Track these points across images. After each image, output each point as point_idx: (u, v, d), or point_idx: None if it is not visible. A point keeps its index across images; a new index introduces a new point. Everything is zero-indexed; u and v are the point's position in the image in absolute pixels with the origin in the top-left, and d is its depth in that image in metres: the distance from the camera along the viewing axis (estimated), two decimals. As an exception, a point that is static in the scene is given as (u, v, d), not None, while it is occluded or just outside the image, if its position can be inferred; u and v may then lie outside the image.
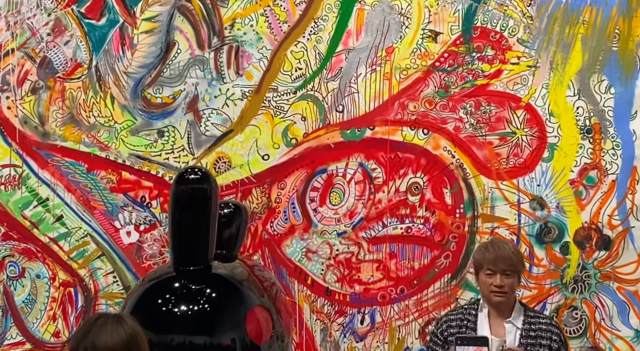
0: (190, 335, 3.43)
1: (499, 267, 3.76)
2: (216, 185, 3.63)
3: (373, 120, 5.03)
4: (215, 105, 5.20)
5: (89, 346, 2.66)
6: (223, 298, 3.57)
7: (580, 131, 4.84)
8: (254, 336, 3.48)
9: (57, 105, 5.37)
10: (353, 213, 5.04)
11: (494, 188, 4.90)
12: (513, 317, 3.80)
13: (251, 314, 3.51)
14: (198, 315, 3.48)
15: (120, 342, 2.68)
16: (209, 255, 3.59)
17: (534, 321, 3.81)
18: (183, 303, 3.51)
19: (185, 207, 3.54)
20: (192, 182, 3.56)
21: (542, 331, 3.78)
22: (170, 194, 3.58)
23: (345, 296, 5.01)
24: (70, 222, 5.31)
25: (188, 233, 3.56)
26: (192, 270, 3.58)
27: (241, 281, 3.72)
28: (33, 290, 5.34)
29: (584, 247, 4.81)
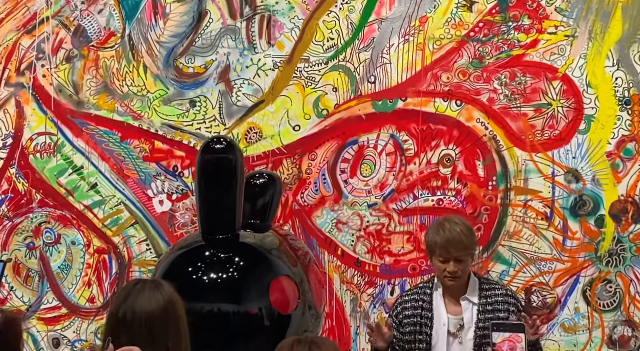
0: (218, 302, 3.46)
1: (451, 254, 3.65)
2: (242, 155, 3.64)
3: (405, 92, 4.98)
4: (246, 76, 5.19)
5: (128, 310, 2.69)
6: (250, 267, 3.59)
7: (619, 102, 4.76)
8: (278, 306, 3.50)
9: (91, 74, 5.41)
10: (384, 185, 5.02)
11: (528, 160, 4.84)
12: (468, 293, 3.72)
13: (275, 283, 3.52)
14: (225, 283, 3.51)
15: (159, 308, 2.70)
16: (236, 224, 3.60)
17: (489, 294, 3.73)
18: (211, 271, 3.54)
19: (211, 177, 3.56)
20: (217, 151, 3.56)
21: (499, 304, 3.70)
22: (197, 164, 3.59)
23: (375, 267, 5.02)
24: (105, 190, 5.38)
25: (215, 202, 3.58)
26: (220, 238, 3.60)
27: (270, 250, 3.74)
28: (69, 256, 5.43)
29: (620, 220, 4.75)
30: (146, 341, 2.59)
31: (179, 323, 2.73)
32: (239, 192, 3.57)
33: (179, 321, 2.73)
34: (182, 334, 2.72)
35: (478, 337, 3.65)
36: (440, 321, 3.71)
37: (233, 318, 3.47)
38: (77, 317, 5.37)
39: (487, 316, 3.67)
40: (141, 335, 2.63)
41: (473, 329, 3.67)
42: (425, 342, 3.71)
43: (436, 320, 3.72)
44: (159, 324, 2.68)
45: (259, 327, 3.51)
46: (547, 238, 4.81)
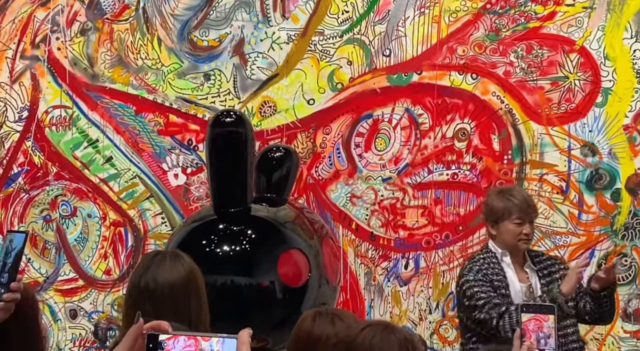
0: (230, 275, 3.47)
1: (529, 215, 3.75)
2: (251, 128, 3.63)
3: (420, 65, 4.95)
4: (261, 49, 5.16)
5: (150, 280, 2.70)
6: (261, 240, 3.61)
7: (637, 75, 4.72)
8: (286, 279, 3.51)
9: (106, 47, 5.40)
10: (398, 159, 5.00)
11: (544, 134, 4.81)
12: (528, 261, 3.84)
13: (285, 256, 3.53)
14: (237, 256, 3.53)
15: (180, 278, 2.70)
16: (247, 197, 3.61)
17: (538, 260, 3.85)
18: (223, 244, 3.56)
19: (221, 150, 3.56)
20: (227, 124, 3.55)
21: (551, 266, 3.84)
22: (206, 137, 3.59)
23: (389, 241, 5.02)
24: (120, 163, 5.39)
25: (225, 175, 3.59)
26: (231, 212, 3.61)
27: (284, 223, 3.75)
28: (85, 228, 5.46)
29: (636, 193, 4.72)
30: (169, 311, 2.59)
31: (199, 293, 2.74)
32: (250, 165, 3.58)
33: (199, 291, 2.74)
34: (202, 305, 2.73)
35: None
36: (515, 288, 3.76)
37: (245, 290, 3.49)
38: (94, 289, 5.41)
39: (547, 280, 3.78)
40: (164, 304, 2.64)
41: (539, 294, 3.75)
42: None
43: (512, 288, 3.76)
44: (181, 294, 2.68)
45: (272, 299, 3.53)
46: (562, 212, 4.79)
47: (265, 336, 3.48)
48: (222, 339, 1.54)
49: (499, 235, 3.80)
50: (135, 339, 1.55)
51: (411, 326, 4.95)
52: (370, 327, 1.96)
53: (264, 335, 3.47)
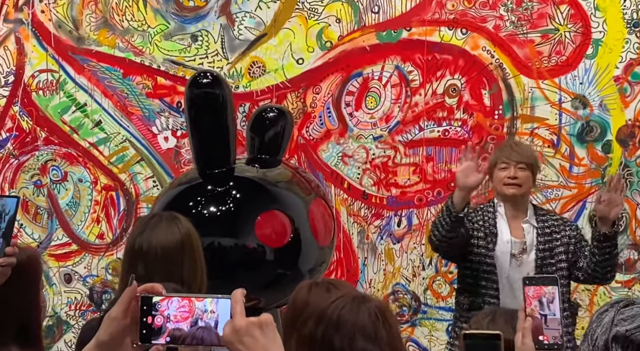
0: (215, 236, 3.45)
1: (513, 158, 3.77)
2: (229, 89, 3.60)
3: (409, 21, 4.90)
4: (248, 8, 5.10)
5: (144, 243, 2.71)
6: (243, 200, 3.59)
7: (627, 25, 4.70)
8: (265, 240, 3.48)
9: (90, 9, 5.32)
10: (389, 117, 4.99)
11: (535, 87, 4.80)
12: (529, 216, 3.84)
13: (264, 217, 3.49)
14: (219, 217, 3.50)
15: (175, 241, 2.71)
16: (230, 157, 3.60)
17: (546, 218, 3.86)
18: (206, 205, 3.54)
19: (199, 111, 3.53)
20: (204, 85, 3.52)
21: (556, 227, 3.83)
22: (185, 99, 3.57)
23: (382, 199, 5.03)
24: (109, 127, 5.35)
25: (205, 137, 3.56)
26: (215, 173, 3.60)
27: (276, 182, 3.74)
28: (76, 193, 5.44)
29: (627, 144, 4.73)
30: (161, 272, 2.60)
31: (194, 256, 2.75)
32: (230, 126, 3.56)
33: (194, 254, 2.75)
34: (197, 267, 2.75)
35: (539, 258, 3.77)
36: (503, 239, 3.80)
37: (230, 251, 3.48)
38: (87, 253, 5.42)
39: (545, 239, 3.79)
40: (157, 266, 2.65)
41: (534, 251, 3.78)
42: (489, 256, 3.78)
43: (499, 238, 3.80)
44: (174, 256, 2.69)
45: (257, 260, 3.52)
46: (554, 166, 4.81)
47: (256, 295, 3.49)
48: (216, 299, 1.56)
49: (494, 186, 3.90)
50: (129, 302, 1.57)
51: (405, 282, 4.99)
52: (341, 299, 1.98)
53: (254, 295, 3.48)
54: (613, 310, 1.90)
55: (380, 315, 1.94)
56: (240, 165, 3.94)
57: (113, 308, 1.58)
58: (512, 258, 3.78)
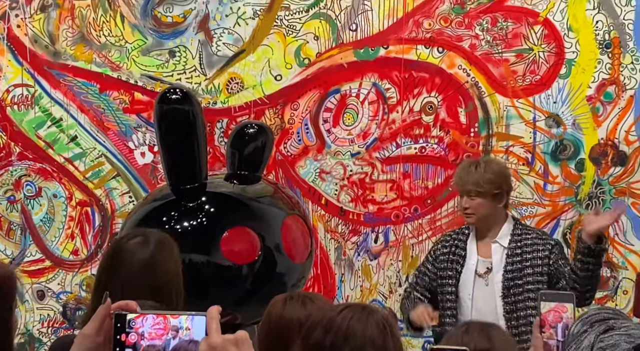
0: (185, 252, 3.37)
1: (464, 188, 3.78)
2: (199, 105, 3.59)
3: (387, 39, 4.94)
4: (226, 25, 5.11)
5: (117, 261, 2.68)
6: (212, 216, 3.57)
7: (599, 46, 4.76)
8: (231, 256, 3.45)
9: (67, 24, 5.30)
10: (367, 134, 5.01)
11: (510, 106, 4.85)
12: (499, 236, 3.80)
13: (231, 234, 3.47)
14: (189, 233, 3.48)
15: (145, 258, 2.68)
16: (201, 173, 3.59)
17: (520, 238, 3.80)
18: (177, 221, 3.52)
19: (169, 128, 3.53)
20: (173, 102, 3.51)
21: (527, 247, 3.77)
22: (154, 115, 3.56)
23: (359, 215, 5.04)
24: (85, 142, 5.32)
25: (175, 152, 3.56)
26: (187, 188, 3.58)
27: (257, 198, 3.73)
28: (50, 209, 5.39)
29: (600, 163, 4.79)
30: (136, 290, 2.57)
31: (169, 271, 2.71)
32: (200, 142, 3.55)
33: (168, 269, 2.71)
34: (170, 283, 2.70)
35: (506, 280, 3.74)
36: (470, 260, 3.82)
37: (202, 268, 3.46)
38: (61, 269, 5.36)
39: (514, 260, 3.75)
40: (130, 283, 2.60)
41: (501, 272, 3.75)
42: (455, 278, 3.81)
43: (467, 259, 3.82)
44: (147, 273, 2.66)
45: (228, 276, 3.50)
46: (528, 183, 4.85)
47: (231, 312, 3.47)
48: (191, 316, 1.56)
49: None
50: (102, 319, 1.55)
51: (381, 299, 5.00)
52: (349, 308, 1.98)
53: (228, 311, 3.45)
54: (593, 333, 1.85)
55: (388, 327, 1.94)
56: (218, 180, 3.94)
57: (86, 325, 1.56)
58: (477, 277, 3.80)
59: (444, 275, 3.85)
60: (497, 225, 3.82)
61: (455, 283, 3.82)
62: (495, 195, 3.78)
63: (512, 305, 3.73)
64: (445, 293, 3.83)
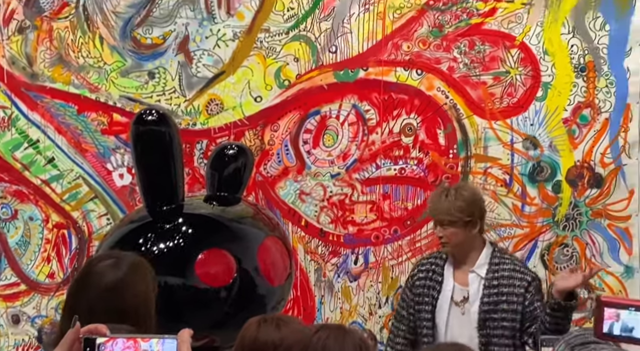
0: (160, 275, 3.36)
1: (436, 218, 3.79)
2: (175, 127, 3.59)
3: (366, 61, 4.97)
4: (206, 46, 5.12)
5: (86, 282, 2.64)
6: (188, 238, 3.55)
7: (575, 69, 4.82)
8: (205, 279, 3.43)
9: (45, 45, 5.28)
10: (346, 155, 5.03)
11: (488, 128, 4.89)
12: (476, 266, 3.79)
13: (206, 256, 3.45)
14: (164, 255, 3.47)
15: (117, 279, 2.63)
16: (178, 195, 3.58)
17: (497, 268, 3.77)
18: (153, 243, 3.50)
19: (145, 149, 3.52)
20: (149, 123, 3.52)
21: (504, 279, 3.74)
22: (130, 136, 3.55)
23: (339, 237, 5.04)
24: (62, 164, 5.28)
25: (152, 174, 3.55)
26: (163, 210, 3.56)
27: (238, 219, 3.72)
28: (26, 231, 5.34)
29: (576, 185, 4.83)
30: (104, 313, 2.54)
31: (139, 293, 2.67)
32: (177, 163, 3.54)
33: (139, 291, 2.67)
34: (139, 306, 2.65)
35: (482, 312, 3.72)
36: (447, 286, 3.80)
37: (178, 290, 3.43)
38: (37, 293, 5.30)
39: (491, 291, 3.72)
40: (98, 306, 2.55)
41: (478, 303, 3.73)
42: (431, 304, 3.80)
43: (444, 285, 3.80)
44: (118, 294, 2.61)
45: (204, 299, 3.48)
46: (507, 204, 4.87)
47: (209, 335, 3.45)
48: (162, 339, 1.55)
49: None
50: (71, 344, 1.54)
51: (361, 321, 4.98)
52: (325, 329, 1.98)
53: (205, 334, 3.42)
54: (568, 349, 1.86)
55: (365, 348, 1.94)
56: (197, 202, 3.92)
57: (55, 349, 1.54)
58: (453, 305, 3.79)
59: (420, 300, 3.84)
60: (474, 251, 3.81)
61: (431, 309, 3.81)
62: (467, 222, 3.77)
63: (487, 338, 3.72)
64: (422, 320, 3.83)
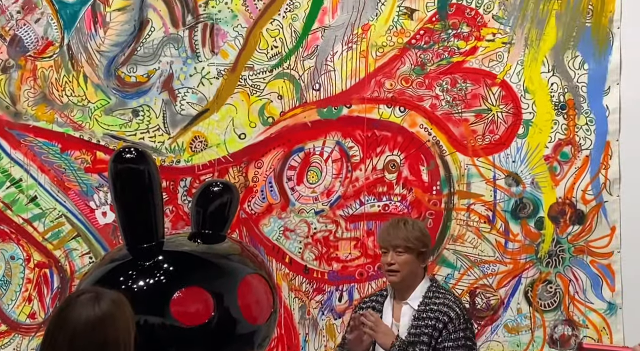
0: (138, 314, 3.30)
1: (389, 243, 3.73)
2: (155, 164, 3.54)
3: (350, 98, 5.02)
4: (190, 84, 5.15)
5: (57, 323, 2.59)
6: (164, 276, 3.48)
7: (555, 107, 4.87)
8: (180, 318, 3.34)
9: (29, 84, 5.29)
10: (330, 192, 5.04)
11: (470, 165, 4.92)
12: (411, 298, 3.74)
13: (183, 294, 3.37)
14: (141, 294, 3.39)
15: (89, 321, 2.56)
16: (157, 232, 3.54)
17: (429, 301, 3.72)
18: (132, 282, 3.43)
19: (123, 187, 3.48)
20: (127, 161, 3.47)
21: (432, 312, 3.68)
22: (108, 173, 3.51)
23: (323, 274, 5.03)
24: (45, 202, 5.26)
25: (130, 212, 3.51)
26: (143, 248, 3.52)
27: (226, 255, 3.68)
28: (7, 271, 5.29)
29: (558, 221, 4.85)
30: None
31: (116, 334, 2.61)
32: (156, 201, 3.50)
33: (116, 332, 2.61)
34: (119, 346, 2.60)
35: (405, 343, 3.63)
36: (385, 321, 3.73)
37: (156, 329, 3.34)
38: (17, 333, 5.23)
39: (418, 323, 3.66)
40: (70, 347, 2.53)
41: (405, 335, 3.66)
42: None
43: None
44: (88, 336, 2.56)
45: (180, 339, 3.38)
46: (490, 241, 4.88)
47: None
48: None
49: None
50: None
51: (346, 359, 4.95)
52: None
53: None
54: None
55: None
56: (180, 239, 3.89)
57: None
58: None
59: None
60: (415, 285, 3.76)
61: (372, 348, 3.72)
62: (421, 253, 3.77)
63: None
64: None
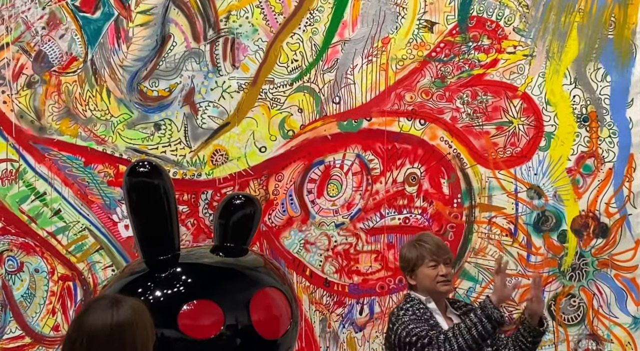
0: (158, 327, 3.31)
1: (441, 257, 3.76)
2: (168, 178, 3.57)
3: (370, 111, 5.03)
4: (211, 98, 5.19)
5: (76, 326, 2.61)
6: (181, 289, 3.49)
7: (577, 119, 4.86)
8: (187, 331, 3.34)
9: (53, 99, 5.36)
10: (351, 205, 5.05)
11: (491, 177, 4.91)
12: (449, 310, 3.81)
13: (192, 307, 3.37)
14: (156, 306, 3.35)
15: (103, 328, 2.57)
16: (174, 244, 3.57)
17: (457, 306, 3.86)
18: (148, 293, 3.45)
19: (138, 201, 3.52)
20: (142, 175, 3.51)
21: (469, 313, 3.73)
22: (123, 187, 3.56)
23: (343, 287, 5.03)
24: (68, 216, 5.31)
25: (146, 225, 3.54)
26: (159, 260, 3.55)
27: (252, 268, 3.68)
28: (32, 284, 5.33)
29: (582, 235, 4.82)
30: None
31: (134, 342, 2.61)
32: (171, 214, 3.53)
33: (134, 340, 2.61)
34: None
35: None
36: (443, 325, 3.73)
37: (175, 344, 3.36)
38: (41, 346, 5.27)
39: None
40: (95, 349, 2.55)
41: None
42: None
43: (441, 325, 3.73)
44: (103, 343, 2.57)
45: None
46: (512, 254, 4.87)
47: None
48: None
49: (418, 282, 3.78)
50: None
51: (367, 372, 4.95)
52: None
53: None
54: None
55: None
56: (202, 251, 3.91)
57: None
58: None
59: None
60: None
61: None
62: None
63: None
64: None
